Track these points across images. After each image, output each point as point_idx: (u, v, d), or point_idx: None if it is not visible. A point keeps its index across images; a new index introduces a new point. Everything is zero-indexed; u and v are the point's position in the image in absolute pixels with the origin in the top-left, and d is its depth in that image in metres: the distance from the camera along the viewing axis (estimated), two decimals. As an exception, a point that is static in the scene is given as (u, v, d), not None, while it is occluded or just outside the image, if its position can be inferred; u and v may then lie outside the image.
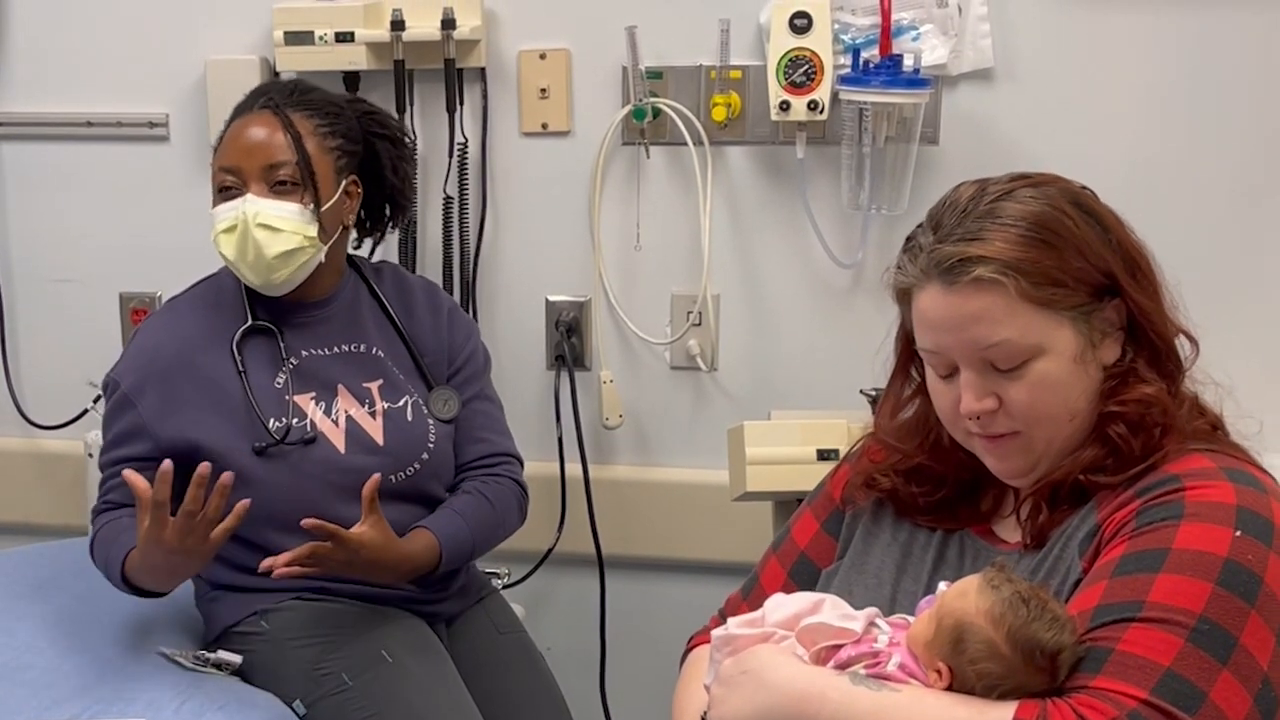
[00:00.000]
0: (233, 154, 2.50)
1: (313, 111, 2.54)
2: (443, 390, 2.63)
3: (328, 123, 2.55)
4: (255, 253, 2.45)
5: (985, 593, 1.57)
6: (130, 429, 2.50)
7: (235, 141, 2.51)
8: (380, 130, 2.67)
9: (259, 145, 2.48)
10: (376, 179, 2.67)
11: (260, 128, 2.50)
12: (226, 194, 2.49)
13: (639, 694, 3.05)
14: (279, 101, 2.53)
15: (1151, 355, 1.77)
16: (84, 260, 3.28)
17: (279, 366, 2.53)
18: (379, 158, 2.66)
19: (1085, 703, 1.53)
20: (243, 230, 2.44)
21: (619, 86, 3.01)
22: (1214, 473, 1.69)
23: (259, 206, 2.45)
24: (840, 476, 2.04)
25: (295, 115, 2.51)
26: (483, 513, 2.60)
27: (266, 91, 2.58)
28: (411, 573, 2.49)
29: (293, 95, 2.56)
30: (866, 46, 2.82)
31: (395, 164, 2.69)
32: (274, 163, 2.47)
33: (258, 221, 2.44)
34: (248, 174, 2.47)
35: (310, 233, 2.48)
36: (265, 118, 2.51)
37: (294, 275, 2.50)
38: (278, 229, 2.45)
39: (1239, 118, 2.82)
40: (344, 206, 2.57)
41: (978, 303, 1.71)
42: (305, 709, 2.40)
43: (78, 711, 2.28)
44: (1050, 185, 1.78)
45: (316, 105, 2.56)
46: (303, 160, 2.48)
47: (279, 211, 2.46)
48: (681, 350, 3.11)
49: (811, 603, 1.72)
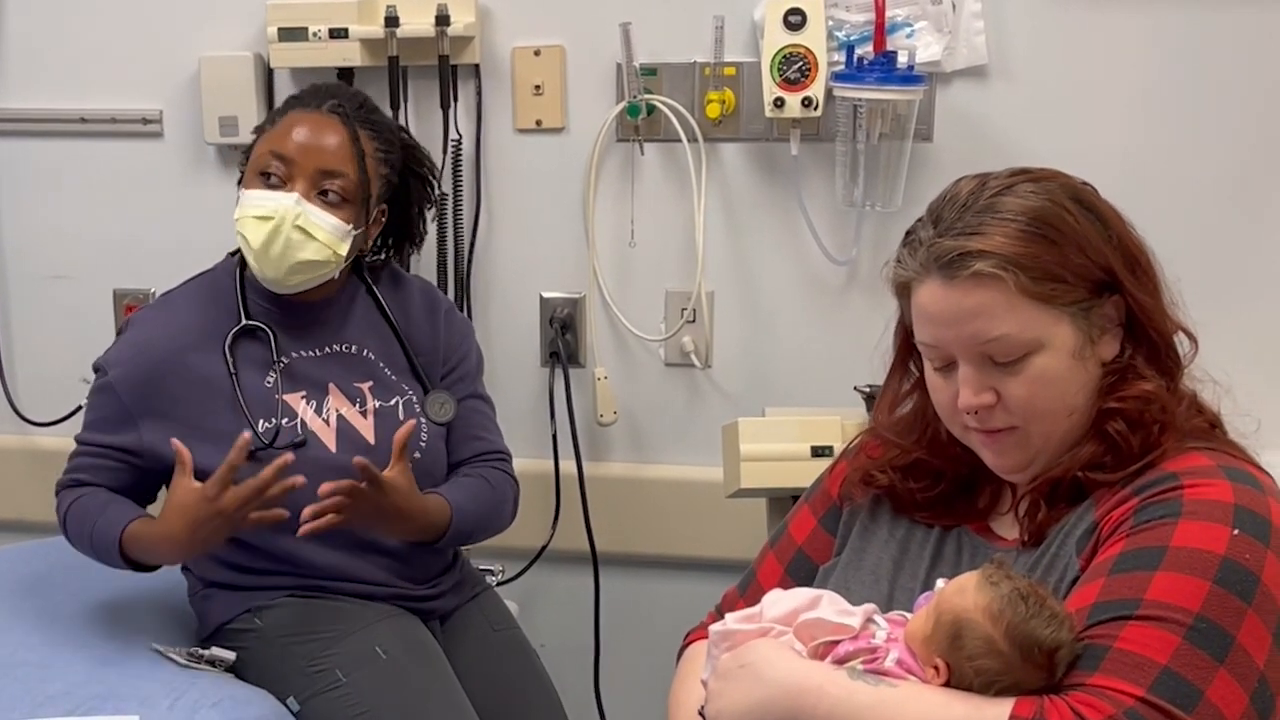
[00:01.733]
0: (291, 145, 2.45)
1: (377, 133, 2.52)
2: (439, 393, 2.63)
3: (384, 150, 2.53)
4: (283, 251, 2.42)
5: (984, 589, 1.58)
6: (111, 418, 2.49)
7: (295, 133, 2.46)
8: (418, 168, 2.67)
9: (323, 148, 2.44)
10: (400, 211, 2.66)
11: (328, 133, 2.46)
12: (267, 180, 2.45)
13: (633, 691, 3.05)
14: (350, 112, 2.50)
15: (1150, 352, 1.77)
16: (78, 256, 3.28)
17: (270, 366, 2.52)
18: (409, 193, 2.65)
19: (1082, 700, 1.53)
20: (278, 225, 2.41)
21: (613, 83, 3.01)
22: (1212, 471, 1.69)
23: (305, 209, 2.42)
24: (838, 473, 2.05)
25: (362, 132, 2.48)
26: (486, 494, 2.62)
27: (336, 95, 2.54)
28: (422, 530, 2.49)
29: (362, 109, 2.53)
30: (861, 43, 2.82)
31: (421, 203, 2.69)
32: (333, 171, 2.44)
33: (297, 223, 2.41)
34: (300, 170, 2.43)
35: (341, 250, 2.46)
36: (334, 124, 2.47)
37: (306, 282, 2.49)
38: (313, 237, 2.42)
39: (1233, 115, 2.82)
40: (370, 231, 2.56)
41: (977, 297, 1.71)
42: (299, 706, 2.39)
43: (71, 708, 2.28)
44: (1051, 181, 1.78)
45: (380, 128, 2.54)
46: (363, 180, 2.46)
47: (322, 221, 2.43)
48: (676, 347, 3.11)
49: (809, 598, 1.72)
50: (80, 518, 2.47)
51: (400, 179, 2.61)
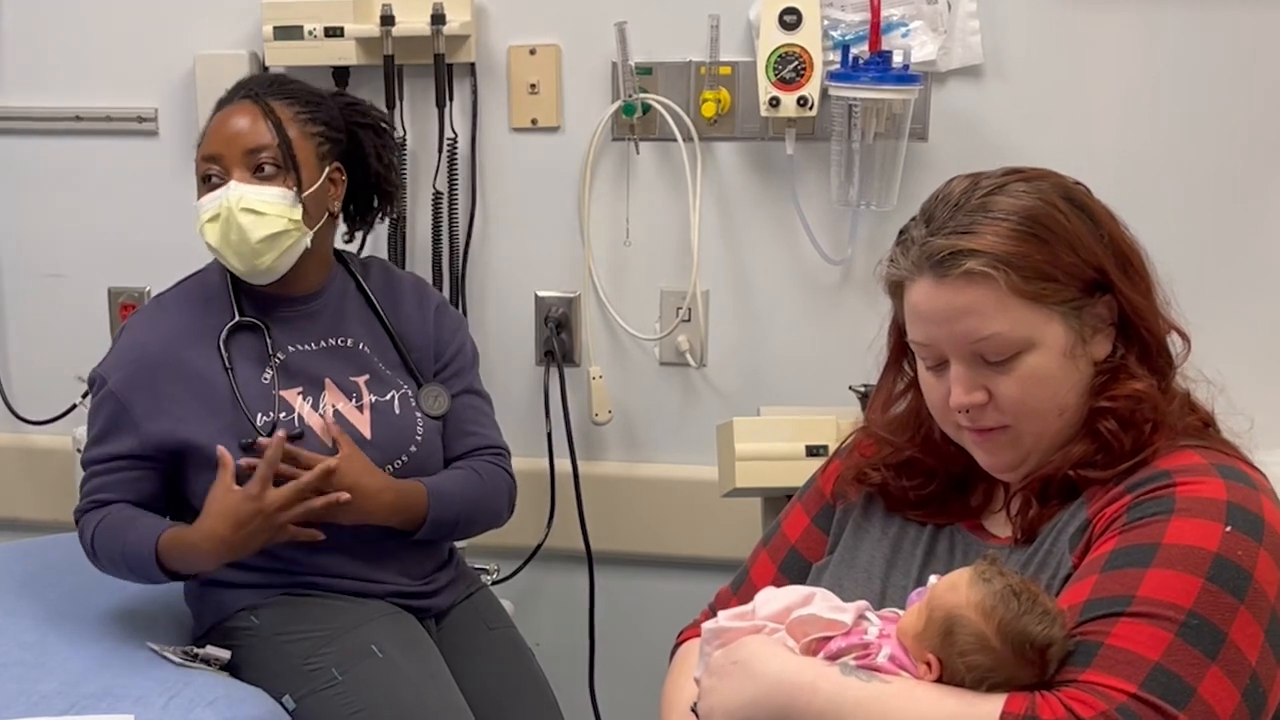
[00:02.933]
0: (214, 143, 2.50)
1: (293, 99, 2.55)
2: (433, 387, 2.63)
3: (308, 110, 2.55)
4: (239, 237, 2.45)
5: (976, 585, 1.58)
6: (116, 425, 2.49)
7: (217, 131, 2.51)
8: (362, 119, 2.67)
9: (240, 132, 2.49)
10: (362, 168, 2.66)
11: (241, 116, 2.50)
12: (210, 184, 2.49)
13: (628, 689, 3.04)
14: (259, 91, 2.54)
15: (1142, 351, 1.77)
16: (73, 255, 3.28)
17: (266, 362, 2.53)
18: (363, 146, 2.66)
19: (1074, 696, 1.53)
20: (226, 217, 2.44)
21: (609, 82, 3.01)
22: (1205, 469, 1.69)
23: (242, 191, 2.45)
24: (831, 471, 2.05)
25: (275, 103, 2.52)
26: (473, 486, 2.62)
27: (247, 84, 2.60)
28: (397, 511, 2.51)
29: (272, 85, 2.58)
30: (856, 43, 2.82)
31: (379, 152, 2.69)
32: (255, 147, 2.47)
33: (241, 206, 2.44)
34: (230, 161, 2.47)
35: (294, 216, 2.48)
36: (246, 107, 2.51)
37: (279, 261, 2.49)
38: (261, 213, 2.45)
39: (1227, 114, 2.83)
40: (328, 194, 2.57)
41: (968, 296, 1.72)
42: (294, 704, 2.39)
43: (66, 707, 2.28)
44: (1043, 180, 1.78)
45: (296, 94, 2.57)
46: (284, 144, 2.48)
47: (262, 195, 2.46)
48: (671, 346, 3.11)
49: (802, 596, 1.72)
50: (109, 538, 2.47)
51: (350, 136, 2.63)
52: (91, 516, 2.50)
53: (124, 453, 2.49)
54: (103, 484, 2.50)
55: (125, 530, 2.46)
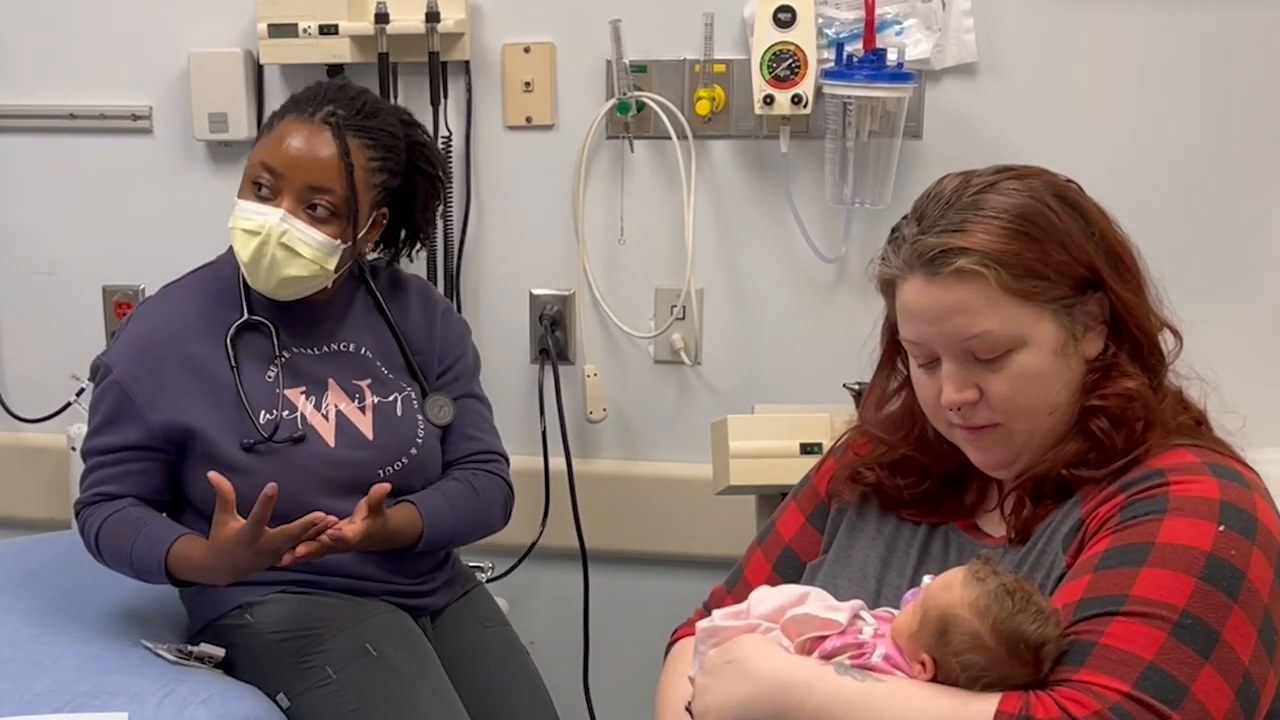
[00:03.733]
0: (279, 157, 2.42)
1: (372, 142, 2.47)
2: (438, 396, 2.62)
3: (380, 156, 2.48)
4: (269, 267, 2.42)
5: (971, 585, 1.58)
6: (120, 414, 2.47)
7: (285, 145, 2.42)
8: (426, 167, 2.61)
9: (309, 161, 2.41)
10: (405, 210, 2.62)
11: (316, 142, 2.42)
12: (258, 191, 2.43)
13: (622, 687, 3.05)
14: (342, 121, 2.44)
15: (1134, 349, 1.78)
16: (67, 253, 3.28)
17: (271, 360, 2.52)
18: (415, 192, 2.61)
19: (1068, 695, 1.53)
20: (264, 240, 2.40)
21: (603, 80, 3.01)
22: (1198, 468, 1.69)
23: (290, 226, 2.40)
24: (825, 470, 2.05)
25: (355, 143, 2.44)
26: (467, 500, 2.61)
27: (333, 100, 2.48)
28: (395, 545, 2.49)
29: (359, 115, 2.47)
30: (850, 41, 2.82)
31: (428, 202, 2.66)
32: (319, 186, 2.41)
33: (282, 240, 2.40)
34: (287, 183, 2.41)
35: (329, 265, 2.44)
36: (325, 136, 2.42)
37: (296, 292, 2.48)
38: (299, 254, 2.41)
39: (1220, 113, 2.83)
40: (366, 237, 2.54)
41: (959, 294, 1.72)
42: (289, 702, 2.39)
43: (60, 705, 2.27)
44: (1034, 178, 1.78)
45: (376, 135, 2.48)
46: (351, 196, 2.43)
47: (307, 238, 2.41)
48: (665, 344, 3.11)
49: (796, 595, 1.73)
50: (115, 539, 2.44)
51: (406, 176, 2.57)
52: (96, 510, 2.47)
53: (128, 443, 2.47)
54: (107, 476, 2.48)
55: (134, 534, 2.42)
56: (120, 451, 2.47)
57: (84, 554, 2.52)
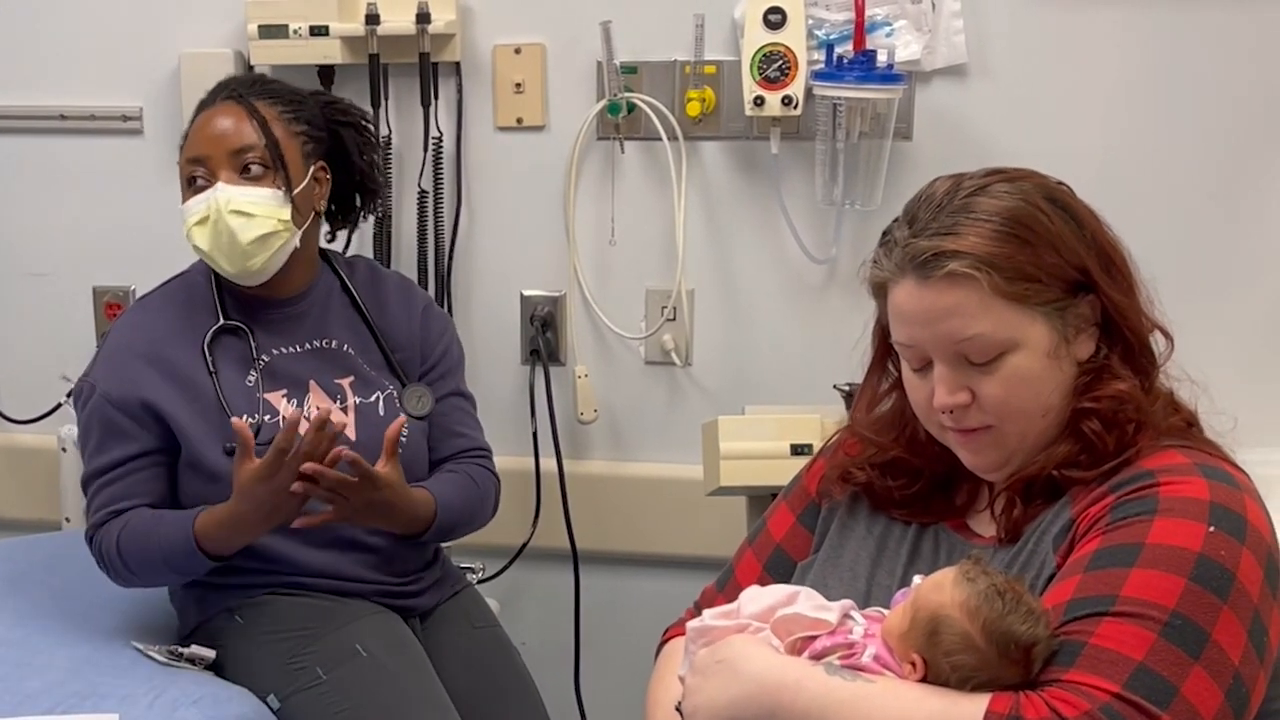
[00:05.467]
0: (199, 144, 2.49)
1: (275, 99, 2.54)
2: (415, 387, 2.63)
3: (291, 109, 2.54)
4: (230, 240, 2.44)
5: (961, 585, 1.58)
6: (112, 430, 2.47)
7: (201, 132, 2.50)
8: (343, 118, 2.67)
9: (225, 133, 2.48)
10: (345, 166, 2.66)
11: (225, 117, 2.49)
12: (195, 186, 2.48)
13: (613, 688, 3.04)
14: (241, 91, 2.53)
15: (1126, 351, 1.78)
16: (57, 254, 3.27)
17: (250, 365, 2.52)
18: (345, 145, 2.65)
19: (1058, 696, 1.53)
20: (215, 219, 2.43)
21: (594, 81, 3.01)
22: (1188, 469, 1.69)
23: (230, 193, 2.44)
24: (816, 470, 2.05)
25: (259, 102, 2.51)
26: (470, 491, 2.63)
27: (228, 85, 2.59)
28: (409, 523, 2.51)
29: (254, 85, 2.57)
30: (840, 42, 2.83)
31: (361, 149, 2.69)
32: (241, 147, 2.46)
33: (230, 208, 2.43)
34: (216, 162, 2.46)
35: (284, 216, 2.47)
36: (229, 107, 2.51)
37: (270, 262, 2.49)
38: (251, 214, 2.44)
39: (1211, 114, 2.83)
40: (314, 192, 2.56)
41: (951, 297, 1.72)
42: (279, 703, 2.39)
43: (50, 706, 2.27)
44: (1025, 180, 1.79)
45: (279, 93, 2.56)
46: (271, 144, 2.48)
47: (251, 196, 2.45)
48: (656, 345, 3.11)
49: (786, 594, 1.73)
50: (138, 539, 2.44)
51: (332, 135, 2.62)
52: (110, 527, 2.46)
53: (129, 454, 2.47)
54: (115, 495, 2.47)
55: (154, 529, 2.43)
56: (123, 465, 2.47)
57: (75, 555, 2.52)
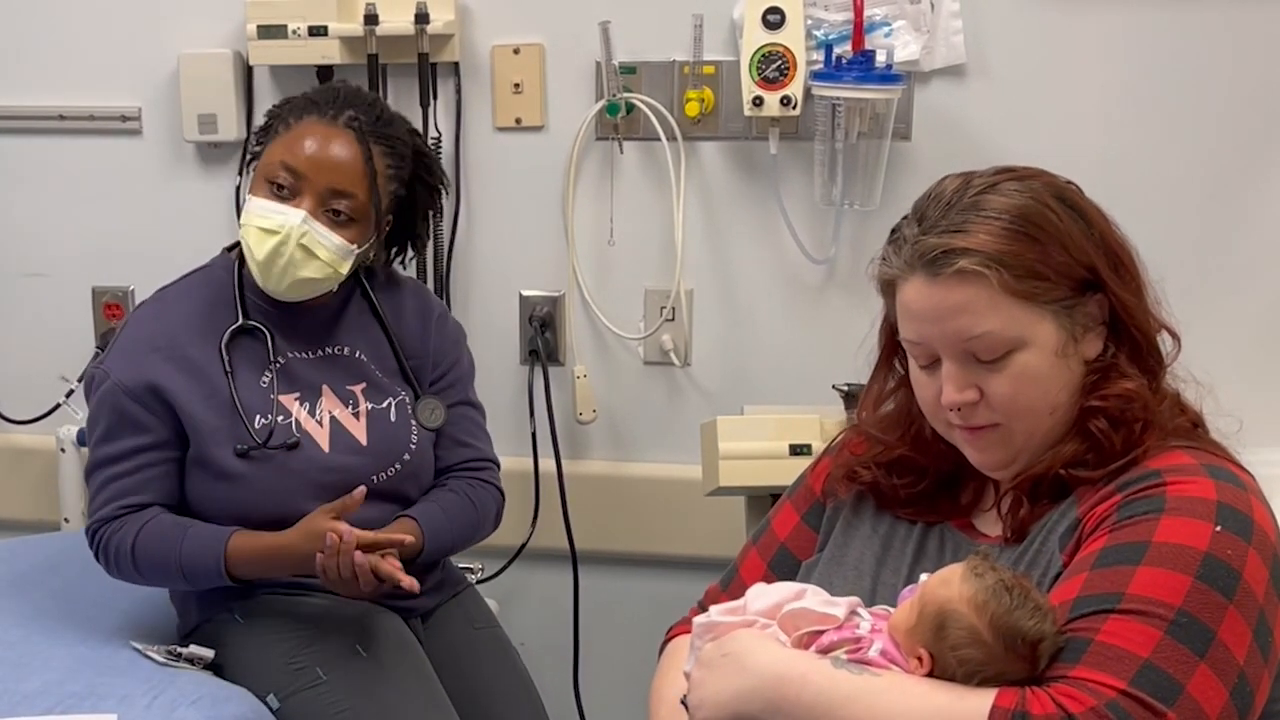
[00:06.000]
0: (303, 160, 2.40)
1: (389, 150, 2.46)
2: (429, 400, 2.61)
3: (395, 164, 2.48)
4: (285, 267, 2.40)
5: (969, 580, 1.58)
6: (125, 417, 2.43)
7: (307, 144, 2.41)
8: (428, 177, 2.61)
9: (333, 164, 2.40)
10: (406, 221, 2.62)
11: (343, 146, 2.41)
12: (276, 191, 2.40)
13: (613, 688, 3.05)
14: (365, 127, 2.43)
15: (1133, 351, 1.78)
16: (56, 254, 3.27)
17: (265, 366, 2.50)
18: (415, 202, 2.60)
19: (1064, 692, 1.54)
20: (283, 240, 2.38)
21: (592, 82, 3.01)
22: (1194, 469, 1.70)
23: (311, 228, 2.38)
24: (821, 469, 2.05)
25: (376, 149, 2.43)
26: (465, 513, 2.60)
27: (353, 105, 2.46)
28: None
29: (379, 122, 2.47)
30: (839, 42, 2.83)
31: (427, 212, 2.66)
32: (342, 190, 2.40)
33: (302, 241, 2.38)
34: (309, 184, 2.39)
35: (343, 269, 2.44)
36: (349, 140, 2.41)
37: (303, 293, 2.47)
38: (316, 256, 2.40)
39: (1211, 114, 2.84)
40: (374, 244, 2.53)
41: (960, 294, 1.72)
42: (279, 703, 2.39)
43: (49, 706, 2.27)
44: (1034, 179, 1.79)
45: (394, 143, 2.47)
46: (375, 203, 2.42)
47: (327, 241, 2.40)
48: (655, 345, 3.12)
49: (794, 591, 1.73)
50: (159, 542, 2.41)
51: (409, 186, 2.57)
52: (125, 523, 2.42)
53: (140, 445, 2.43)
54: (126, 487, 2.43)
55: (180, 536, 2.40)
56: (135, 455, 2.43)
57: (74, 555, 2.52)
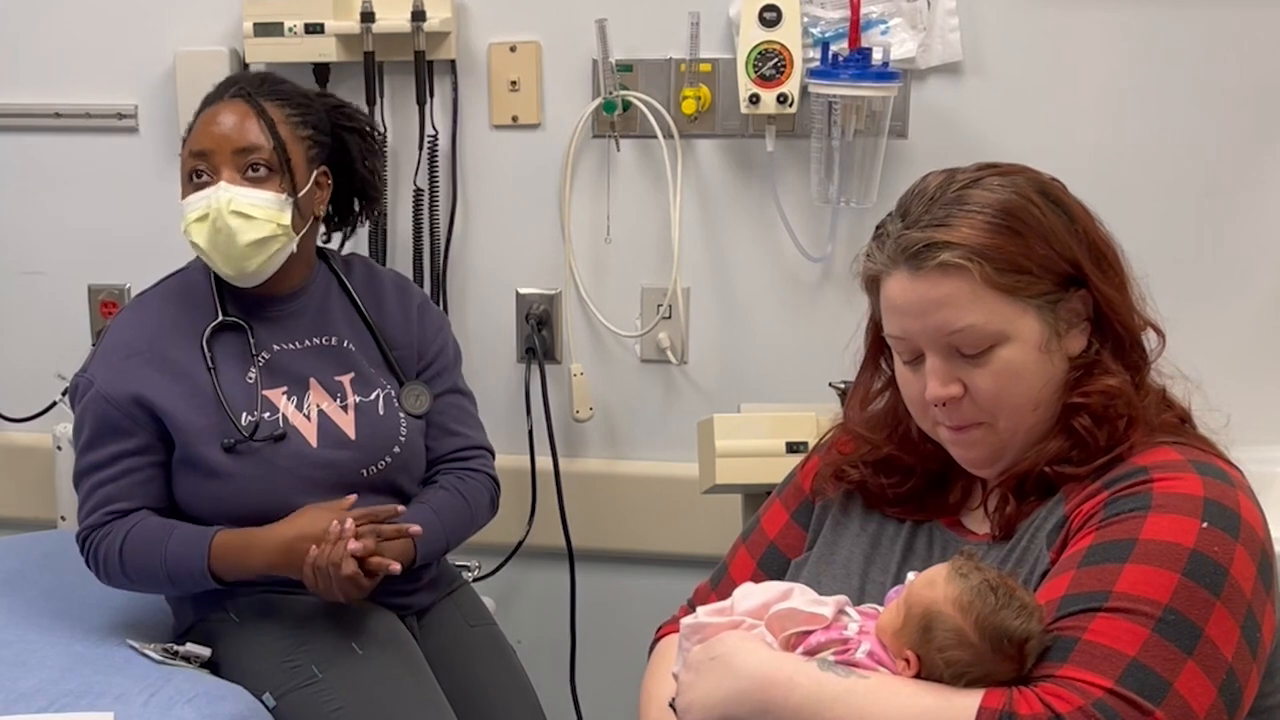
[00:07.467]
0: (203, 139, 2.47)
1: (284, 101, 2.52)
2: (414, 385, 2.63)
3: (299, 112, 2.53)
4: (228, 240, 2.43)
5: (954, 581, 1.58)
6: (109, 425, 2.45)
7: (206, 128, 2.48)
8: (349, 123, 2.66)
9: (232, 131, 2.46)
10: (346, 172, 2.65)
11: (232, 114, 2.47)
12: (197, 182, 2.46)
13: (609, 686, 3.05)
14: (250, 90, 2.51)
15: (1117, 347, 1.78)
16: (52, 252, 3.27)
17: (249, 362, 2.52)
18: (349, 150, 2.65)
19: (1051, 691, 1.54)
20: (215, 218, 2.42)
21: (589, 79, 3.01)
22: (1181, 465, 1.70)
23: (232, 193, 2.43)
24: (810, 467, 2.05)
25: (267, 103, 2.49)
26: (458, 511, 2.61)
27: (237, 81, 2.57)
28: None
29: (263, 85, 2.55)
30: (835, 40, 2.82)
31: (365, 156, 2.68)
32: (247, 147, 2.45)
33: (231, 209, 2.41)
34: (220, 160, 2.45)
35: (284, 220, 2.46)
36: (237, 105, 2.49)
37: (266, 265, 2.48)
38: (251, 216, 2.43)
39: (1204, 112, 2.84)
40: (315, 197, 2.55)
41: (943, 288, 1.72)
42: (275, 701, 2.39)
43: (45, 704, 2.27)
44: (1018, 174, 1.79)
45: (287, 95, 2.55)
46: (277, 146, 2.46)
47: (253, 199, 2.44)
48: (651, 343, 3.11)
49: (781, 591, 1.73)
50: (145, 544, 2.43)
51: (335, 139, 2.61)
52: (112, 528, 2.45)
53: (126, 450, 2.45)
54: (112, 493, 2.45)
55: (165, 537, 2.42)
56: (117, 462, 2.45)
57: (70, 553, 2.51)
